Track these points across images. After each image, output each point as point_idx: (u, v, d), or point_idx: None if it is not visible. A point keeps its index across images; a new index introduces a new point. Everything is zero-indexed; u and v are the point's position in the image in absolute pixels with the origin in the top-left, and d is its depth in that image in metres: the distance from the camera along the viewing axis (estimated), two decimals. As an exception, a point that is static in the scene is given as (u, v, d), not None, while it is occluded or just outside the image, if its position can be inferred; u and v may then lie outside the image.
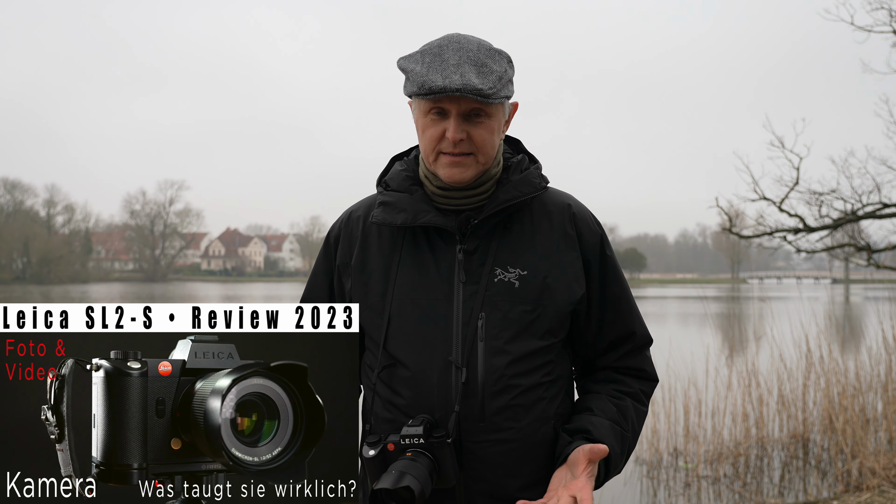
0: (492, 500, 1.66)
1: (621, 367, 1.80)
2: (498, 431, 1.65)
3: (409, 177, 1.76)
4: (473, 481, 1.65)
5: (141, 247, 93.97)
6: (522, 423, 1.66)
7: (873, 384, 7.55)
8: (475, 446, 1.64)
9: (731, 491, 6.57)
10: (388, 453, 1.60)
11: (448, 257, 1.70)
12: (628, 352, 1.80)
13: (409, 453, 1.58)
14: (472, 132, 1.64)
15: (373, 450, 1.62)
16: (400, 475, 1.53)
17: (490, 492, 1.65)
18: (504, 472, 1.65)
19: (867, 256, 10.10)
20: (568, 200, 1.79)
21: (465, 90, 1.56)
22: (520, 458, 1.66)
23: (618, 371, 1.80)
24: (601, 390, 1.77)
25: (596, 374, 1.81)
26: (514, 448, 1.65)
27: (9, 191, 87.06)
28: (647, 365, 1.82)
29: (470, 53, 1.60)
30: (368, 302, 1.74)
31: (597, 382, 1.79)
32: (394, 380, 1.70)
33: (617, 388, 1.77)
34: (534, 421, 1.67)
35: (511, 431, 1.65)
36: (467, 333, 1.66)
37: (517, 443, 1.65)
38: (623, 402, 1.74)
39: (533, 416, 1.67)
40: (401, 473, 1.53)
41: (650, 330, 1.86)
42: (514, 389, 1.65)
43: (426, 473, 1.55)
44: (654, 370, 1.84)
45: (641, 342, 1.81)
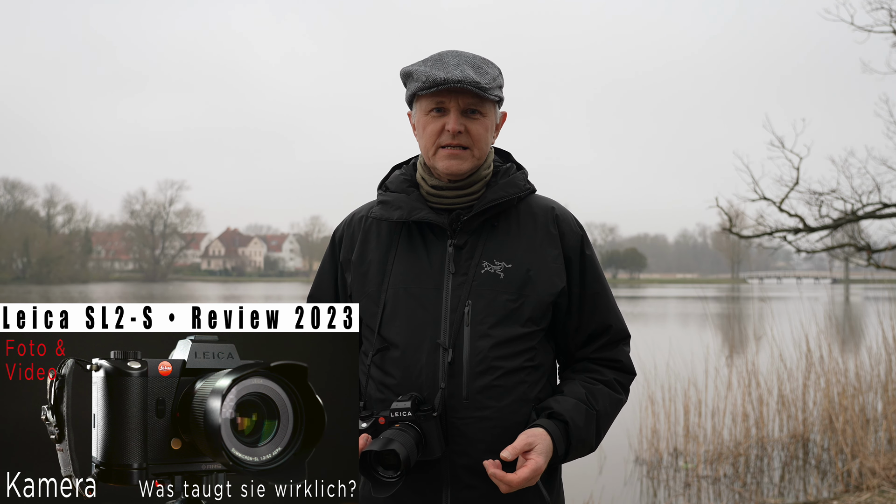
0: (473, 474, 1.77)
1: (597, 358, 1.92)
2: (480, 409, 1.77)
3: (406, 180, 1.94)
4: (457, 455, 1.78)
5: (141, 247, 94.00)
6: (503, 403, 1.78)
7: (873, 384, 7.55)
8: (459, 422, 1.77)
9: (731, 491, 6.57)
10: (378, 426, 1.73)
11: (439, 251, 1.85)
12: (604, 344, 1.93)
13: (398, 425, 1.71)
14: (470, 127, 1.82)
15: (365, 423, 1.74)
16: (387, 441, 1.65)
17: (472, 466, 1.77)
18: (485, 448, 1.76)
19: (867, 256, 10.10)
20: (552, 204, 1.95)
21: (465, 82, 1.75)
22: (500, 436, 1.76)
23: (594, 361, 1.92)
24: (575, 377, 1.90)
25: (574, 366, 1.94)
26: (495, 426, 1.77)
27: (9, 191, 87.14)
28: (623, 357, 1.94)
29: (467, 58, 1.82)
30: (366, 291, 1.89)
31: (574, 371, 1.92)
32: (385, 362, 1.83)
33: (591, 376, 1.89)
34: (514, 402, 1.79)
35: (492, 410, 1.78)
36: (455, 319, 1.80)
37: (497, 420, 1.78)
38: (595, 386, 1.87)
39: (513, 397, 1.79)
40: (388, 440, 1.66)
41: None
42: (496, 371, 1.79)
43: (413, 443, 1.68)
44: (632, 364, 1.95)
45: (618, 336, 1.94)
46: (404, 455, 1.64)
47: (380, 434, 1.71)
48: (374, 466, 1.65)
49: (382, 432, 1.70)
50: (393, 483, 1.65)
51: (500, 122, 1.93)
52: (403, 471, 1.64)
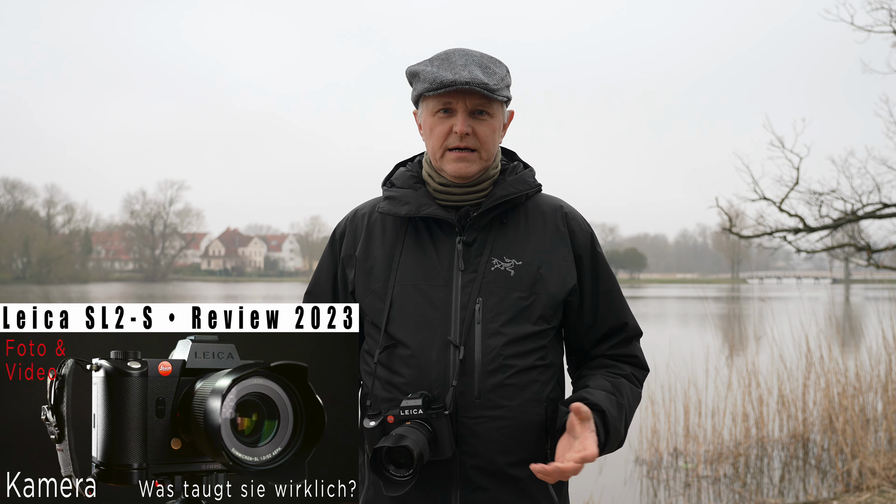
0: (484, 474, 1.73)
1: (614, 355, 1.90)
2: (492, 408, 1.73)
3: (412, 176, 1.91)
4: (468, 455, 1.73)
5: (141, 247, 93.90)
6: (515, 402, 1.75)
7: (873, 384, 7.54)
8: (470, 422, 1.73)
9: (731, 491, 6.57)
10: (387, 425, 1.67)
11: (448, 247, 1.81)
12: (620, 341, 1.90)
13: (409, 423, 1.66)
14: (477, 128, 1.79)
15: (373, 421, 1.68)
16: (399, 437, 1.60)
17: (483, 466, 1.73)
18: (496, 448, 1.73)
19: (867, 256, 10.09)
20: (560, 203, 1.93)
21: (474, 83, 1.72)
22: (512, 436, 1.74)
23: (610, 358, 1.90)
24: (595, 372, 1.86)
25: (591, 363, 1.91)
26: (507, 425, 1.74)
27: (9, 191, 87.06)
28: (638, 353, 1.93)
29: (475, 57, 1.78)
30: (371, 288, 1.84)
31: (591, 368, 1.89)
32: (393, 360, 1.78)
33: (610, 371, 1.87)
34: (527, 401, 1.76)
35: (504, 409, 1.74)
36: (465, 316, 1.76)
37: (510, 420, 1.74)
38: (617, 379, 1.84)
39: (526, 396, 1.76)
40: (400, 436, 1.61)
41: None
42: (508, 369, 1.75)
43: (424, 441, 1.63)
44: (645, 359, 1.94)
45: (633, 333, 1.92)
46: (417, 452, 1.58)
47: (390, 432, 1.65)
48: (386, 464, 1.59)
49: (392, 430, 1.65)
50: (405, 482, 1.60)
51: (508, 120, 1.90)
52: (416, 469, 1.59)
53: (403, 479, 1.60)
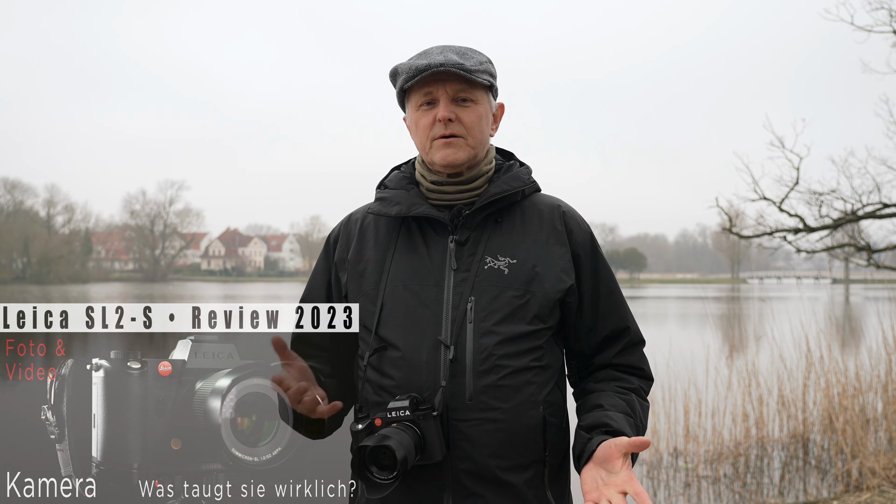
0: (477, 480, 1.67)
1: (620, 365, 1.83)
2: (484, 410, 1.67)
3: (405, 177, 1.89)
4: (459, 460, 1.67)
5: (141, 247, 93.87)
6: (510, 405, 1.69)
7: (873, 384, 7.54)
8: (462, 424, 1.67)
9: (731, 491, 6.57)
10: (374, 428, 1.61)
11: (440, 247, 1.78)
12: (624, 348, 1.83)
13: (395, 425, 1.59)
14: (461, 115, 1.77)
15: (360, 424, 1.62)
16: (383, 437, 1.54)
17: (476, 471, 1.67)
18: (489, 452, 1.67)
19: (867, 256, 10.09)
20: (558, 202, 1.89)
21: (448, 64, 1.71)
22: (506, 440, 1.68)
23: (617, 369, 1.83)
24: (605, 388, 1.79)
25: (597, 374, 1.84)
26: (501, 428, 1.68)
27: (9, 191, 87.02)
28: (644, 364, 1.86)
29: (452, 47, 1.79)
30: (363, 290, 1.80)
31: (599, 381, 1.82)
32: (383, 362, 1.73)
33: (620, 385, 1.80)
34: (521, 403, 1.70)
35: (498, 412, 1.68)
36: (456, 316, 1.71)
37: (504, 423, 1.68)
38: (629, 396, 1.77)
39: (521, 398, 1.70)
40: (384, 436, 1.54)
41: (650, 329, 1.87)
42: (502, 370, 1.69)
43: (411, 444, 1.56)
44: (650, 370, 1.87)
45: (636, 339, 1.85)
46: (401, 455, 1.53)
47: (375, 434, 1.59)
48: (368, 465, 1.53)
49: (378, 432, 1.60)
50: (387, 484, 1.53)
51: (498, 113, 1.87)
52: (400, 472, 1.53)
53: (386, 481, 1.52)
